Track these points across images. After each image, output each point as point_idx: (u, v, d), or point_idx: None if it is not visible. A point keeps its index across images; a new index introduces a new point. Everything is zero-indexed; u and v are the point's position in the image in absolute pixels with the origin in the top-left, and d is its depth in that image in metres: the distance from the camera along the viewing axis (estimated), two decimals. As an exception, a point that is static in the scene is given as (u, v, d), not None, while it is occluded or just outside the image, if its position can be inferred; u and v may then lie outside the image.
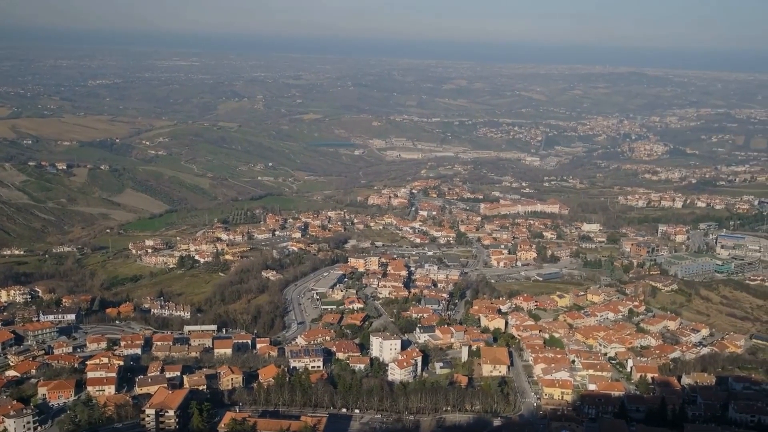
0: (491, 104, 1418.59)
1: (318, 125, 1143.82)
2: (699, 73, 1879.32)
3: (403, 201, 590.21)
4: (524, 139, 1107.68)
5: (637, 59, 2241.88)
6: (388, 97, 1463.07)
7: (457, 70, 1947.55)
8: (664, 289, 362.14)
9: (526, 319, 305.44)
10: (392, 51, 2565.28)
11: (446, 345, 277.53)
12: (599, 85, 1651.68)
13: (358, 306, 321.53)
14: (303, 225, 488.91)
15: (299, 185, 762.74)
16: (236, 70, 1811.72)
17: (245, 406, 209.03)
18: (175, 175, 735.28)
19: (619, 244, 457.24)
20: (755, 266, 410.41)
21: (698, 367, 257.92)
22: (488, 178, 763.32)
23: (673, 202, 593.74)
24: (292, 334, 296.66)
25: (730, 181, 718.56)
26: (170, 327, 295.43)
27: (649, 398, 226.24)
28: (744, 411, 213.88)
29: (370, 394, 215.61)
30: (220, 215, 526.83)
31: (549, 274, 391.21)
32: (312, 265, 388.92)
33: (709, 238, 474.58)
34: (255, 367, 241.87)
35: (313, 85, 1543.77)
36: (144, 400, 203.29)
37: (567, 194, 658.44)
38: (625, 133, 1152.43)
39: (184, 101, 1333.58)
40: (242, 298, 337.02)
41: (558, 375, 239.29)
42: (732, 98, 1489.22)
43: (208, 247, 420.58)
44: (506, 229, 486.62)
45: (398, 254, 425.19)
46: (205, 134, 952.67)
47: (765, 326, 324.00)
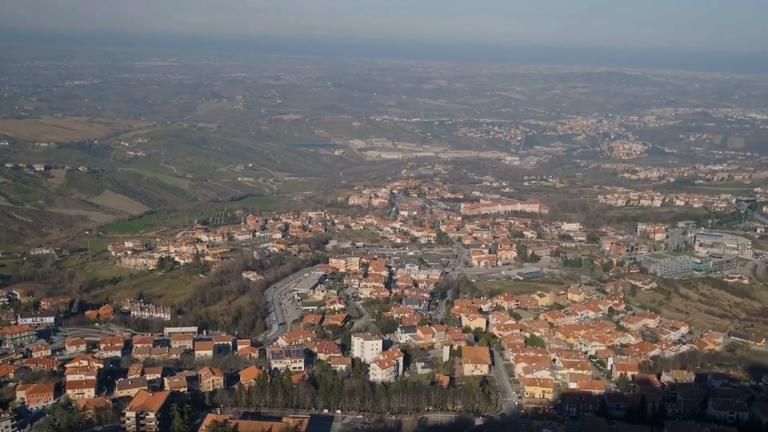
0: (471, 104, 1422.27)
1: (298, 126, 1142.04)
2: (677, 73, 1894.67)
3: (383, 201, 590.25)
4: (504, 139, 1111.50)
5: (615, 59, 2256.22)
6: (368, 97, 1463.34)
7: (436, 70, 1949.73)
8: (644, 288, 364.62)
9: (507, 319, 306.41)
10: (372, 51, 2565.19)
11: (427, 345, 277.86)
12: (578, 84, 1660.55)
13: (339, 306, 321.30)
14: (283, 226, 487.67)
15: (279, 186, 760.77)
16: (216, 71, 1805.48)
17: (226, 408, 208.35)
18: (155, 177, 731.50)
19: (599, 243, 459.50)
20: (733, 264, 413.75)
21: (678, 364, 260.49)
22: (468, 177, 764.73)
23: (652, 200, 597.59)
24: (273, 335, 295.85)
25: (708, 180, 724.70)
26: (150, 329, 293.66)
27: (630, 396, 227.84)
28: (723, 408, 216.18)
29: (352, 394, 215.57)
30: (200, 216, 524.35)
31: (529, 274, 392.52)
32: (293, 266, 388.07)
33: (687, 236, 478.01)
34: (236, 369, 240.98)
35: (293, 86, 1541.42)
36: (124, 403, 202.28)
37: (547, 194, 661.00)
38: (604, 132, 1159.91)
39: (163, 102, 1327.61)
40: (223, 300, 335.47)
41: (539, 374, 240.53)
42: (709, 97, 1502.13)
43: (188, 248, 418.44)
44: (487, 228, 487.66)
45: (379, 254, 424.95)
46: (185, 135, 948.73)
47: (743, 324, 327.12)
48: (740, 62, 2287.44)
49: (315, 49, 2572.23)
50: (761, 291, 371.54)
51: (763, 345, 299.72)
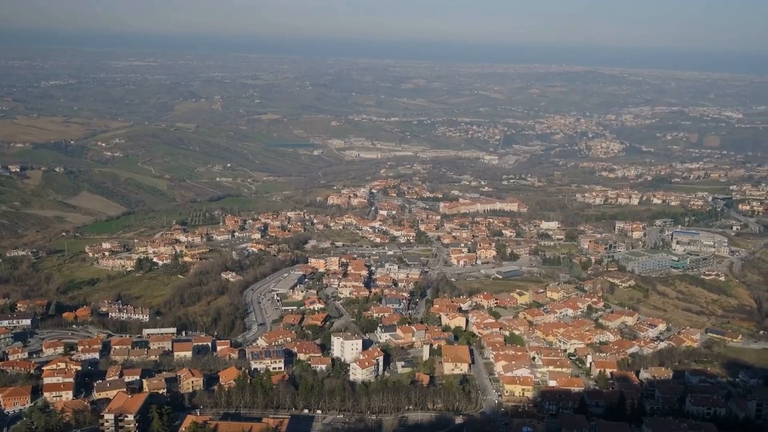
0: (450, 103, 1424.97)
1: (277, 125, 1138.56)
2: (653, 72, 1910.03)
3: (362, 201, 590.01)
4: (483, 138, 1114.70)
5: (593, 58, 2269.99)
6: (346, 96, 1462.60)
7: (415, 70, 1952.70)
8: (622, 285, 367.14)
9: (487, 317, 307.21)
10: (350, 51, 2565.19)
11: (407, 344, 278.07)
12: (556, 84, 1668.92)
13: (319, 306, 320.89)
14: (263, 226, 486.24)
15: (258, 186, 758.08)
16: (193, 71, 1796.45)
17: (206, 409, 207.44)
18: (132, 177, 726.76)
19: (578, 242, 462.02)
20: (710, 261, 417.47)
21: (656, 361, 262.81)
22: (447, 177, 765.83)
23: (630, 199, 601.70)
24: (252, 335, 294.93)
25: (685, 178, 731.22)
26: (129, 330, 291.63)
27: (609, 393, 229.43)
28: (700, 404, 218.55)
29: (332, 394, 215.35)
30: (178, 217, 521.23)
31: (509, 272, 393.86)
32: (272, 266, 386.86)
33: (664, 234, 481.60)
34: (216, 370, 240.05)
35: (271, 86, 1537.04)
36: (103, 405, 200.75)
37: (526, 192, 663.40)
38: (582, 131, 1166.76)
39: (140, 102, 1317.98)
40: (202, 300, 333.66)
41: (519, 372, 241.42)
42: (685, 96, 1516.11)
43: (167, 249, 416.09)
44: (466, 227, 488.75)
45: (358, 254, 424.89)
46: (162, 135, 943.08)
47: (720, 320, 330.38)
48: (716, 62, 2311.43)
49: (293, 49, 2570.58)
50: (737, 288, 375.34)
51: (739, 341, 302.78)
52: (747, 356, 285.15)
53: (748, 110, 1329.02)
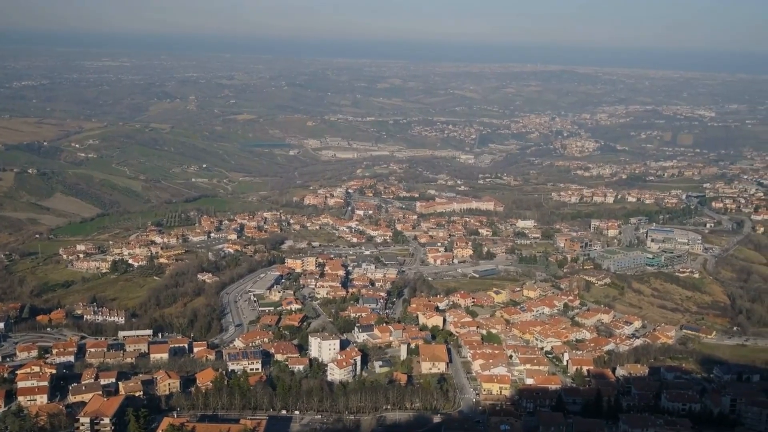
0: (425, 103, 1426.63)
1: (252, 126, 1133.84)
2: (627, 71, 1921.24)
3: (339, 201, 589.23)
4: (458, 138, 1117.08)
5: (567, 58, 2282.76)
6: (322, 96, 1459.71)
7: (390, 69, 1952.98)
8: (598, 283, 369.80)
9: (464, 316, 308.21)
10: (326, 50, 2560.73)
11: (385, 344, 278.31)
12: (531, 83, 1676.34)
13: (296, 307, 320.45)
14: (239, 226, 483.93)
15: (234, 186, 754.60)
16: (168, 71, 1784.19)
17: (183, 411, 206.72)
18: (107, 178, 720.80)
19: (554, 240, 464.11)
20: (684, 259, 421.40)
21: (632, 358, 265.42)
22: (424, 176, 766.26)
23: (605, 197, 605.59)
24: (229, 336, 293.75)
25: (659, 176, 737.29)
26: (104, 333, 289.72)
27: (585, 390, 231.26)
28: (675, 400, 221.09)
29: (310, 394, 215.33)
30: (153, 218, 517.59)
31: (485, 271, 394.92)
32: (249, 267, 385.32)
33: (639, 232, 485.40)
34: (192, 372, 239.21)
35: (246, 86, 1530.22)
36: (78, 409, 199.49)
37: (501, 191, 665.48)
38: (557, 130, 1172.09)
39: (114, 102, 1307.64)
40: (178, 302, 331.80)
41: (496, 370, 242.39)
42: (659, 95, 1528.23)
43: (142, 250, 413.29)
44: (442, 226, 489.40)
45: (335, 254, 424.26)
46: (137, 136, 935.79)
47: (694, 317, 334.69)
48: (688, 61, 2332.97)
49: (269, 49, 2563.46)
50: (711, 285, 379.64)
51: (713, 338, 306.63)
52: (721, 352, 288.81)
53: (721, 109, 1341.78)
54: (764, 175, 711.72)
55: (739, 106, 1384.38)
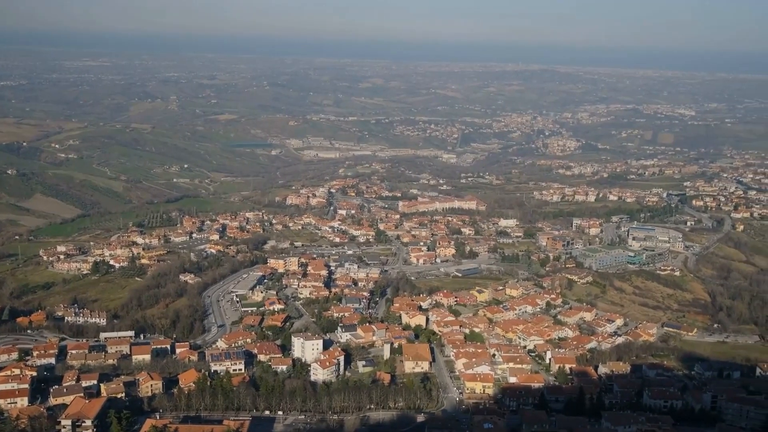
0: (407, 102, 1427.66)
1: (234, 126, 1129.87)
2: (608, 70, 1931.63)
3: (321, 200, 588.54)
4: (440, 137, 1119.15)
5: (548, 57, 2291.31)
6: (304, 96, 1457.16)
7: (372, 69, 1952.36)
8: (580, 282, 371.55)
9: (447, 315, 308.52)
10: (307, 50, 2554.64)
11: (368, 343, 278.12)
12: (513, 82, 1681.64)
13: (279, 307, 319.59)
14: (221, 227, 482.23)
15: (216, 187, 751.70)
16: (148, 71, 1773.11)
17: (166, 413, 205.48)
18: (87, 179, 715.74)
19: (536, 239, 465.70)
20: (665, 257, 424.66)
21: (614, 356, 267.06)
22: (406, 176, 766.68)
23: (587, 196, 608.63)
24: (212, 337, 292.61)
25: (640, 175, 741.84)
26: (85, 334, 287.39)
27: (568, 388, 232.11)
28: (657, 397, 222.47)
29: (293, 395, 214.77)
30: (135, 219, 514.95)
31: (468, 270, 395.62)
32: (231, 267, 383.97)
33: (621, 230, 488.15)
34: (175, 373, 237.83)
35: (228, 85, 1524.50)
36: (59, 411, 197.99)
37: (484, 190, 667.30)
38: (538, 129, 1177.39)
39: (94, 103, 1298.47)
40: (160, 303, 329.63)
41: (479, 369, 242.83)
42: (639, 94, 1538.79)
43: (124, 251, 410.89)
44: (425, 226, 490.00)
45: (318, 254, 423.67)
46: (118, 136, 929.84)
47: (675, 314, 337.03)
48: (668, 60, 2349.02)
49: (250, 48, 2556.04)
50: (692, 282, 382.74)
51: (694, 335, 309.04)
52: (702, 349, 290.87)
53: (701, 108, 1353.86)
54: (744, 173, 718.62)
55: (718, 105, 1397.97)
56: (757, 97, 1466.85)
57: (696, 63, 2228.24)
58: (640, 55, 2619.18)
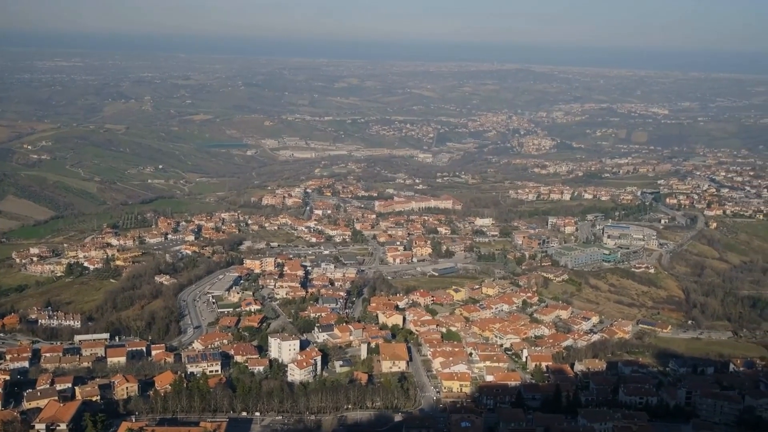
0: (383, 102, 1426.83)
1: (209, 126, 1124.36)
2: (582, 70, 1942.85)
3: (297, 201, 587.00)
4: (416, 136, 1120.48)
5: (523, 56, 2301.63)
6: (279, 96, 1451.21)
7: (348, 69, 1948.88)
8: (556, 280, 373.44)
9: (424, 314, 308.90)
10: (282, 50, 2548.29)
11: (345, 343, 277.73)
12: (488, 81, 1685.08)
13: (256, 308, 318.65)
14: (196, 227, 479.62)
15: (191, 187, 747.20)
16: (122, 71, 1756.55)
17: (142, 415, 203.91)
18: (61, 180, 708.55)
19: (512, 237, 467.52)
20: (639, 254, 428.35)
21: (590, 353, 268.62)
22: (382, 175, 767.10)
23: (562, 194, 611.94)
24: (188, 339, 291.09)
25: (615, 173, 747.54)
26: (60, 337, 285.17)
27: (545, 386, 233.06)
28: (633, 393, 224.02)
29: (270, 396, 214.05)
30: (109, 220, 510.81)
31: (444, 269, 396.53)
32: (207, 268, 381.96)
33: (596, 228, 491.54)
34: (151, 375, 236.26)
35: (202, 86, 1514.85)
36: (33, 415, 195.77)
37: (460, 190, 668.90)
38: (514, 128, 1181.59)
39: (67, 103, 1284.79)
40: (135, 305, 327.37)
41: (456, 368, 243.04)
42: (613, 93, 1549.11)
43: (98, 253, 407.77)
44: (401, 225, 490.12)
45: (294, 254, 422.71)
46: (91, 137, 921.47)
47: (650, 312, 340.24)
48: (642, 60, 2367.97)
49: (224, 48, 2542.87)
50: (666, 280, 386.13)
51: (669, 332, 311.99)
52: (676, 346, 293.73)
53: (674, 106, 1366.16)
54: (716, 171, 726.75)
55: (691, 103, 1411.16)
56: (729, 96, 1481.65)
57: (669, 62, 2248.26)
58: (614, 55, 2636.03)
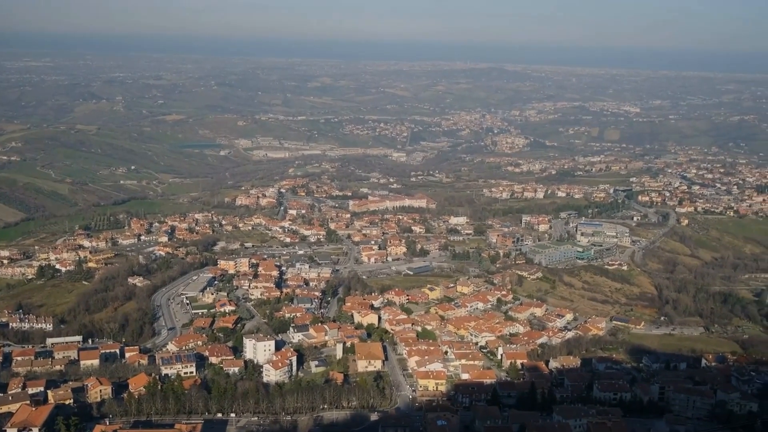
0: (356, 101, 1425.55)
1: (182, 126, 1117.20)
2: (555, 68, 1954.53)
3: (271, 201, 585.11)
4: (390, 136, 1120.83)
5: (496, 56, 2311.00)
6: (252, 96, 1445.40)
7: (321, 68, 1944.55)
8: (530, 278, 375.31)
9: (399, 314, 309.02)
10: (255, 50, 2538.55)
11: (320, 343, 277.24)
12: (461, 80, 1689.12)
13: (230, 308, 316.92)
14: (170, 228, 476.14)
15: (164, 188, 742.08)
16: (93, 71, 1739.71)
17: (116, 418, 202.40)
18: (31, 182, 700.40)
19: (486, 236, 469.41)
20: (612, 251, 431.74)
21: (564, 350, 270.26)
22: (356, 175, 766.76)
23: (535, 192, 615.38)
24: (162, 340, 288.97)
25: (587, 171, 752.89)
26: (31, 340, 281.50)
27: (520, 383, 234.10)
28: (607, 390, 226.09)
29: (246, 396, 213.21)
30: (81, 222, 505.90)
31: (419, 268, 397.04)
32: (180, 269, 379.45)
33: (569, 226, 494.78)
34: (125, 377, 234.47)
35: (174, 86, 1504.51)
36: (5, 420, 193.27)
37: (434, 188, 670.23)
38: (487, 127, 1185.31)
39: (37, 104, 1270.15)
40: (108, 307, 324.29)
41: (431, 366, 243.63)
42: (586, 92, 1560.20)
43: (70, 255, 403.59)
44: (376, 225, 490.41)
45: (269, 254, 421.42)
46: (62, 138, 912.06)
47: (623, 308, 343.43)
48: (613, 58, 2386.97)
49: (196, 48, 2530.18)
50: (639, 276, 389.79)
51: (642, 328, 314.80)
52: (649, 342, 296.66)
53: (645, 104, 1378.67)
54: (687, 168, 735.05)
55: (662, 101, 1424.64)
56: (699, 94, 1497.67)
57: (640, 61, 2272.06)
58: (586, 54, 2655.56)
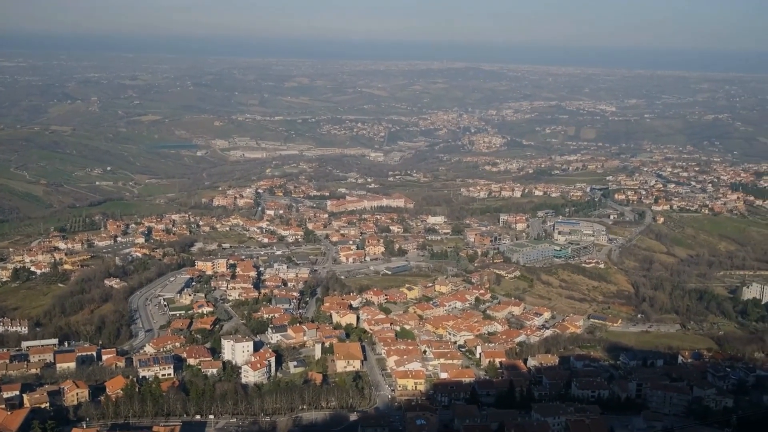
0: (334, 101, 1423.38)
1: (158, 127, 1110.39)
2: (531, 68, 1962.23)
3: (249, 201, 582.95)
4: (368, 135, 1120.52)
5: (472, 55, 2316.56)
6: (229, 96, 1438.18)
7: (298, 68, 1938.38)
8: (508, 276, 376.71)
9: (377, 313, 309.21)
10: (231, 49, 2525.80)
11: (299, 344, 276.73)
12: (438, 80, 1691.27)
13: (208, 310, 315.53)
14: (146, 230, 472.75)
15: (140, 189, 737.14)
16: (67, 71, 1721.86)
17: (93, 421, 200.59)
18: (5, 183, 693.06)
19: (464, 235, 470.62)
20: (589, 250, 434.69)
21: (542, 349, 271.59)
22: (334, 175, 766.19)
23: (513, 192, 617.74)
24: (139, 342, 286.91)
25: (564, 170, 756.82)
26: (6, 344, 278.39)
27: (498, 382, 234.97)
28: (585, 387, 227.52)
29: (224, 398, 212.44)
30: (56, 223, 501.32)
31: (397, 268, 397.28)
32: (158, 271, 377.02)
33: (547, 225, 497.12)
34: (102, 380, 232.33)
35: (150, 86, 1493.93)
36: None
37: (412, 188, 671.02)
38: (464, 126, 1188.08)
39: (11, 104, 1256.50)
40: (85, 309, 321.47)
41: (410, 366, 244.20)
42: (562, 91, 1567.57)
43: (45, 257, 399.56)
44: (354, 225, 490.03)
45: (246, 255, 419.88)
46: (36, 139, 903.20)
47: (601, 306, 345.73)
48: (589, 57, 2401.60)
49: (172, 48, 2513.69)
50: (616, 274, 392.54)
51: (619, 325, 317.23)
52: (627, 339, 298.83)
53: (621, 103, 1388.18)
54: (663, 167, 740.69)
55: (638, 100, 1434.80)
56: (674, 93, 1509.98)
57: (615, 60, 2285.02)
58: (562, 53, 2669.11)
